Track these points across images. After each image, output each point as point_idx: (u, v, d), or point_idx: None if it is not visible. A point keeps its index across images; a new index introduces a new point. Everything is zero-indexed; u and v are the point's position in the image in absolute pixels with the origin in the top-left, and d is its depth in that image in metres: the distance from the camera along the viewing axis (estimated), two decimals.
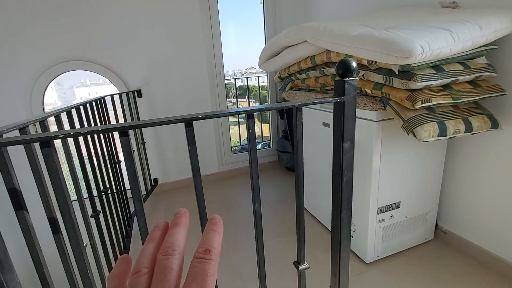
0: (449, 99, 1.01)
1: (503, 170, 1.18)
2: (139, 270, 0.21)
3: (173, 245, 0.21)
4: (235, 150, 3.08)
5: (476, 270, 1.25)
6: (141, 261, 0.21)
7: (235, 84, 3.21)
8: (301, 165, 0.65)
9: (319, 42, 1.27)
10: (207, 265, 0.20)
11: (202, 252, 0.21)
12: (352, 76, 0.65)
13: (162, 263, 0.20)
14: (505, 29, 0.98)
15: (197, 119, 0.49)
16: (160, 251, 0.21)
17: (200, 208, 0.53)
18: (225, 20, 2.46)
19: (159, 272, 0.20)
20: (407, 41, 0.90)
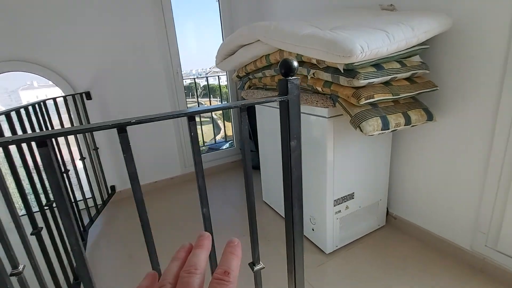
0: (389, 95, 1.09)
1: (439, 158, 1.30)
2: (164, 285, 0.22)
3: (195, 264, 0.23)
4: (202, 150, 3.02)
5: (422, 250, 1.37)
6: (166, 276, 0.23)
7: (195, 83, 3.13)
8: (249, 164, 0.65)
9: (271, 41, 1.28)
10: (225, 287, 0.21)
11: (221, 273, 0.22)
12: (294, 75, 0.66)
13: (185, 280, 0.22)
14: (434, 30, 1.08)
15: (130, 124, 0.46)
16: (183, 269, 0.23)
17: (142, 220, 0.50)
18: (182, 19, 2.38)
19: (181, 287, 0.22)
20: (349, 41, 0.95)
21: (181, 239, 1.66)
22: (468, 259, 1.24)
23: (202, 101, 5.45)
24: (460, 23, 1.12)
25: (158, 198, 2.23)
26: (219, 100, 3.28)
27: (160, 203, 2.15)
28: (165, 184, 2.42)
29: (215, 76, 3.09)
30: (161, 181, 2.41)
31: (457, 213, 1.27)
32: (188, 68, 5.78)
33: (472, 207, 1.21)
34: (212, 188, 2.36)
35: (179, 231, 1.75)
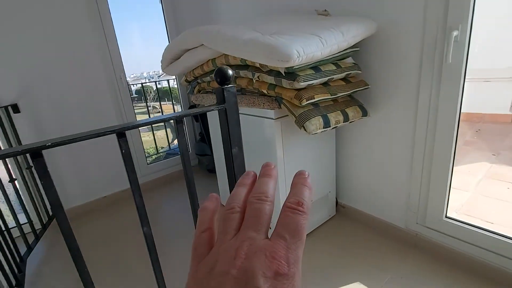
0: (328, 95, 1.17)
1: (375, 148, 1.44)
2: (233, 207, 0.22)
3: (266, 192, 0.22)
4: (160, 156, 2.89)
5: (367, 233, 1.51)
6: (234, 200, 0.22)
7: (142, 88, 2.98)
8: (191, 176, 0.64)
9: (214, 46, 1.28)
10: (300, 216, 0.20)
11: (294, 203, 0.20)
12: (231, 83, 0.67)
13: (256, 206, 0.21)
14: (361, 34, 1.19)
15: (46, 147, 0.43)
16: (253, 195, 0.22)
17: (72, 250, 0.46)
18: (124, 21, 2.24)
19: (252, 213, 0.21)
20: (286, 46, 1.00)
21: (135, 253, 1.57)
22: (404, 236, 1.40)
23: (155, 105, 5.20)
24: (384, 27, 1.25)
25: (109, 214, 2.08)
26: (172, 104, 3.17)
27: (111, 219, 2.00)
28: (116, 197, 2.26)
29: (167, 79, 2.98)
30: (112, 195, 2.25)
31: (393, 196, 1.42)
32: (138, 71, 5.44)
33: (403, 189, 1.36)
34: (171, 196, 2.28)
35: (134, 246, 1.66)
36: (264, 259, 0.17)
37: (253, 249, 0.18)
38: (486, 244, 1.15)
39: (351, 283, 1.21)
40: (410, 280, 1.19)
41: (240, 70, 1.31)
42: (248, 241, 0.19)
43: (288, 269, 0.17)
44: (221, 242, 0.20)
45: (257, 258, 0.17)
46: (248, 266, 0.17)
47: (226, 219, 0.21)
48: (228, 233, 0.20)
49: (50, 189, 0.43)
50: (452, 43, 1.05)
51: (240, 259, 0.18)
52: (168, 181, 2.53)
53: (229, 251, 0.18)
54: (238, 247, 0.18)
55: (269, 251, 0.18)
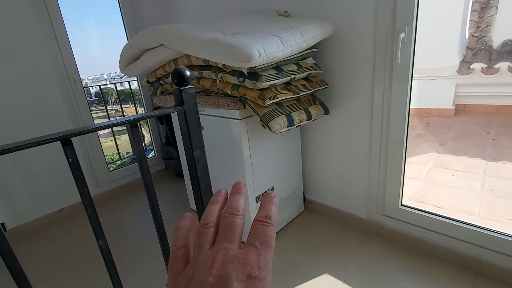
0: (291, 94, 1.20)
1: (337, 144, 1.51)
2: (207, 223, 0.23)
3: (237, 207, 0.24)
4: (125, 162, 2.73)
5: (333, 226, 1.58)
6: (208, 217, 0.24)
7: (100, 90, 2.80)
8: (150, 183, 0.61)
9: (174, 46, 1.25)
10: (268, 227, 0.22)
11: (263, 217, 0.23)
12: (188, 84, 0.66)
13: (229, 219, 0.23)
14: (319, 35, 1.23)
15: None
16: (225, 211, 0.24)
17: (13, 273, 0.41)
18: (78, 19, 2.08)
19: (226, 226, 0.23)
20: (247, 46, 1.00)
21: (99, 269, 1.47)
22: (366, 226, 1.49)
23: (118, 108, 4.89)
24: (340, 29, 1.31)
25: (66, 228, 1.91)
26: (134, 106, 3.01)
27: (69, 233, 1.85)
28: (76, 209, 2.09)
29: (129, 81, 2.82)
30: (70, 207, 2.07)
31: (355, 189, 1.50)
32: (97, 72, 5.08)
33: (364, 182, 1.45)
34: (136, 203, 2.16)
35: (96, 260, 1.55)
36: (238, 265, 0.19)
37: (227, 258, 0.20)
38: (436, 227, 1.27)
39: (319, 275, 1.25)
40: (373, 267, 1.26)
41: (203, 71, 1.29)
42: (223, 252, 0.21)
43: (260, 272, 0.19)
44: (198, 255, 0.21)
45: (231, 265, 0.19)
46: (223, 273, 0.19)
47: (201, 234, 0.23)
48: (203, 247, 0.22)
49: None
50: (400, 44, 1.14)
51: (216, 268, 0.19)
52: (132, 188, 2.40)
53: (206, 262, 0.20)
54: (214, 257, 0.20)
55: (242, 258, 0.20)
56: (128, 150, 3.12)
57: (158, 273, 1.38)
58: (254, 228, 0.23)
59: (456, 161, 2.39)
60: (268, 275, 0.20)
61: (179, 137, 1.78)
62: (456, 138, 2.87)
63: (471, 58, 3.42)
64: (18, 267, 0.41)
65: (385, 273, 1.22)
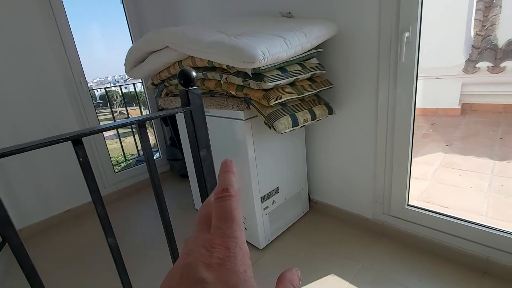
0: (295, 94, 1.20)
1: (342, 145, 1.51)
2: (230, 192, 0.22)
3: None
4: (130, 164, 2.76)
5: (338, 226, 1.57)
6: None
7: (106, 93, 2.83)
8: (158, 183, 0.62)
9: (180, 48, 1.26)
10: (228, 201, 0.21)
11: (220, 191, 0.21)
12: (195, 85, 0.67)
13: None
14: (323, 36, 1.24)
15: None
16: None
17: (25, 270, 0.42)
18: (84, 23, 2.11)
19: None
20: (251, 47, 1.01)
21: (104, 269, 1.48)
22: (372, 226, 1.48)
23: (122, 110, 4.94)
24: (344, 29, 1.31)
25: (73, 229, 1.94)
26: (139, 108, 3.04)
27: (76, 234, 1.87)
28: (82, 210, 2.12)
29: (133, 83, 2.85)
30: (76, 209, 2.10)
31: (360, 189, 1.49)
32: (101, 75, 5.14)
33: (369, 182, 1.44)
34: (142, 204, 2.18)
35: (102, 260, 1.56)
36: (205, 251, 0.19)
37: (193, 247, 0.20)
38: (443, 227, 1.25)
39: (325, 275, 1.25)
40: (379, 267, 1.26)
41: (208, 72, 1.30)
42: (191, 241, 0.21)
43: (229, 252, 0.19)
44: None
45: (197, 252, 0.19)
46: (190, 261, 0.19)
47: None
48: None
49: None
50: (405, 43, 1.13)
51: (183, 258, 0.19)
52: (138, 189, 2.42)
53: (181, 258, 0.20)
54: (183, 250, 0.21)
55: (208, 243, 0.19)
56: (133, 152, 3.15)
57: (165, 271, 1.39)
58: (214, 208, 0.21)
59: (463, 160, 2.36)
60: (240, 250, 0.19)
61: (184, 138, 1.80)
62: (463, 137, 2.84)
63: (476, 57, 3.38)
64: (30, 264, 0.42)
65: (392, 274, 1.21)
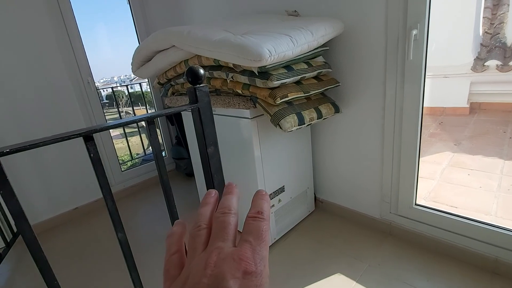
0: (301, 93, 1.20)
1: (348, 144, 1.50)
2: (199, 225, 0.23)
3: (229, 206, 0.24)
4: (136, 163, 2.78)
5: (344, 226, 1.56)
6: (200, 219, 0.24)
7: (113, 93, 2.86)
8: (166, 179, 0.63)
9: (186, 47, 1.27)
10: (261, 222, 0.22)
11: (255, 213, 0.23)
12: (202, 83, 0.67)
13: (221, 219, 0.23)
14: (330, 34, 1.23)
15: (3, 154, 0.40)
16: (218, 211, 0.24)
17: (39, 263, 0.43)
18: (90, 23, 2.14)
19: (218, 226, 0.22)
20: (257, 46, 1.01)
21: (112, 265, 1.50)
22: (379, 226, 1.47)
23: (129, 110, 4.99)
24: (350, 27, 1.31)
25: (81, 226, 1.97)
26: (146, 108, 3.07)
27: (84, 231, 1.90)
28: (89, 208, 2.15)
29: (139, 82, 2.88)
30: (84, 206, 2.13)
31: (367, 188, 1.48)
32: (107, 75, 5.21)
33: (377, 181, 1.43)
34: (148, 202, 2.20)
35: (109, 257, 1.58)
36: (232, 262, 0.19)
37: (221, 257, 0.20)
38: (451, 227, 1.24)
39: (331, 274, 1.24)
40: (386, 267, 1.24)
41: (214, 71, 1.31)
42: (217, 251, 0.20)
43: (256, 267, 0.19)
44: (192, 258, 0.21)
45: (226, 263, 0.19)
46: (218, 272, 0.18)
47: (194, 236, 0.23)
48: (197, 249, 0.22)
49: (11, 199, 0.40)
50: (412, 41, 1.12)
51: (210, 268, 0.19)
52: (144, 187, 2.45)
53: (200, 263, 0.20)
54: (207, 258, 0.20)
55: (236, 255, 0.19)
56: (138, 151, 3.18)
57: None
58: (246, 224, 0.22)
59: (472, 160, 2.33)
60: (264, 269, 0.20)
61: (190, 137, 1.81)
62: (472, 137, 2.80)
63: (485, 55, 3.33)
64: (43, 257, 0.43)
65: (399, 273, 1.20)
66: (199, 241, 0.22)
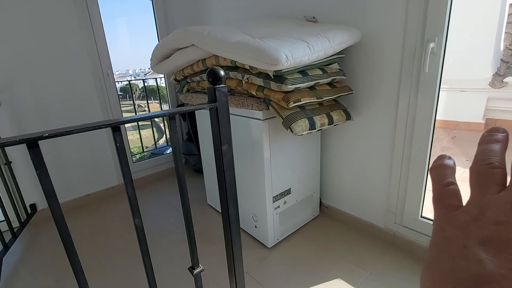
0: (314, 98, 1.22)
1: (357, 151, 1.51)
2: (492, 163, 0.19)
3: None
4: (144, 156, 2.86)
5: (348, 233, 1.57)
6: (490, 155, 0.20)
7: (130, 85, 2.94)
8: (181, 172, 0.66)
9: (205, 46, 1.31)
10: None
11: None
12: (222, 83, 0.70)
13: None
14: (346, 42, 1.25)
15: (43, 138, 0.44)
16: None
17: (63, 238, 0.47)
18: (111, 15, 2.21)
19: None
20: (275, 50, 1.04)
21: (117, 252, 1.55)
22: (383, 235, 1.47)
23: (141, 103, 5.10)
24: (368, 36, 1.32)
25: (91, 212, 2.03)
26: (159, 102, 3.14)
27: (93, 217, 1.97)
28: (99, 196, 2.22)
29: (155, 77, 2.95)
30: (95, 194, 2.20)
31: (373, 197, 1.49)
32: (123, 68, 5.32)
33: (383, 191, 1.44)
34: (156, 195, 2.26)
35: (115, 244, 1.64)
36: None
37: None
38: None
39: (332, 279, 1.25)
40: (388, 276, 1.25)
41: (230, 71, 1.34)
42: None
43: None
44: (482, 195, 0.19)
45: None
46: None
47: (485, 173, 0.20)
48: (490, 187, 0.19)
49: (45, 179, 0.44)
50: (429, 54, 1.13)
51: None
52: (152, 180, 2.51)
53: (502, 203, 0.17)
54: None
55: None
56: (148, 145, 3.25)
57: (178, 257, 1.44)
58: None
59: None
60: None
61: (201, 134, 1.85)
62: None
63: (505, 71, 3.26)
64: (67, 233, 0.46)
65: (400, 284, 1.20)
66: (494, 179, 0.19)
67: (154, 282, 0.68)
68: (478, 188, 0.19)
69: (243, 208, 1.55)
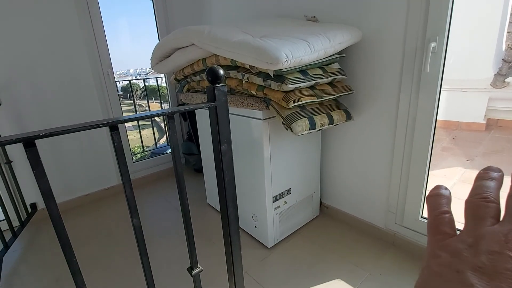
0: (314, 98, 1.22)
1: (357, 151, 1.50)
2: (487, 197, 0.21)
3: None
4: (145, 155, 2.86)
5: (348, 233, 1.56)
6: (486, 191, 0.21)
7: (130, 85, 2.94)
8: (180, 171, 0.66)
9: (205, 46, 1.30)
10: None
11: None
12: (221, 82, 0.70)
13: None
14: (347, 41, 1.24)
15: (39, 137, 0.43)
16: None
17: (61, 239, 0.47)
18: (112, 14, 2.21)
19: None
20: (275, 49, 1.03)
21: (117, 251, 1.55)
22: (383, 235, 1.46)
23: (142, 103, 5.10)
24: (368, 36, 1.31)
25: (91, 212, 2.04)
26: (160, 102, 3.14)
27: (93, 217, 1.97)
28: (100, 196, 2.22)
29: (156, 77, 2.95)
30: (95, 193, 2.20)
31: (373, 197, 1.48)
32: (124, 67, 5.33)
33: (383, 191, 1.43)
34: (155, 195, 2.26)
35: (115, 243, 1.63)
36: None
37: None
38: None
39: (332, 279, 1.25)
40: (387, 277, 1.24)
41: (230, 71, 1.34)
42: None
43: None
44: (477, 226, 0.20)
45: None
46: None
47: (481, 206, 0.21)
48: (485, 219, 0.20)
49: (42, 178, 0.44)
50: (430, 53, 1.12)
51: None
52: (152, 180, 2.51)
53: (496, 235, 0.18)
54: (507, 233, 0.18)
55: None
56: (148, 144, 3.26)
57: (177, 258, 1.44)
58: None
59: None
60: None
61: (201, 133, 1.85)
62: (486, 153, 2.74)
63: (507, 71, 3.24)
64: (65, 234, 0.46)
65: (400, 284, 1.20)
66: (488, 212, 0.20)
67: (153, 282, 0.67)
68: (473, 220, 0.21)
69: (243, 208, 1.54)
